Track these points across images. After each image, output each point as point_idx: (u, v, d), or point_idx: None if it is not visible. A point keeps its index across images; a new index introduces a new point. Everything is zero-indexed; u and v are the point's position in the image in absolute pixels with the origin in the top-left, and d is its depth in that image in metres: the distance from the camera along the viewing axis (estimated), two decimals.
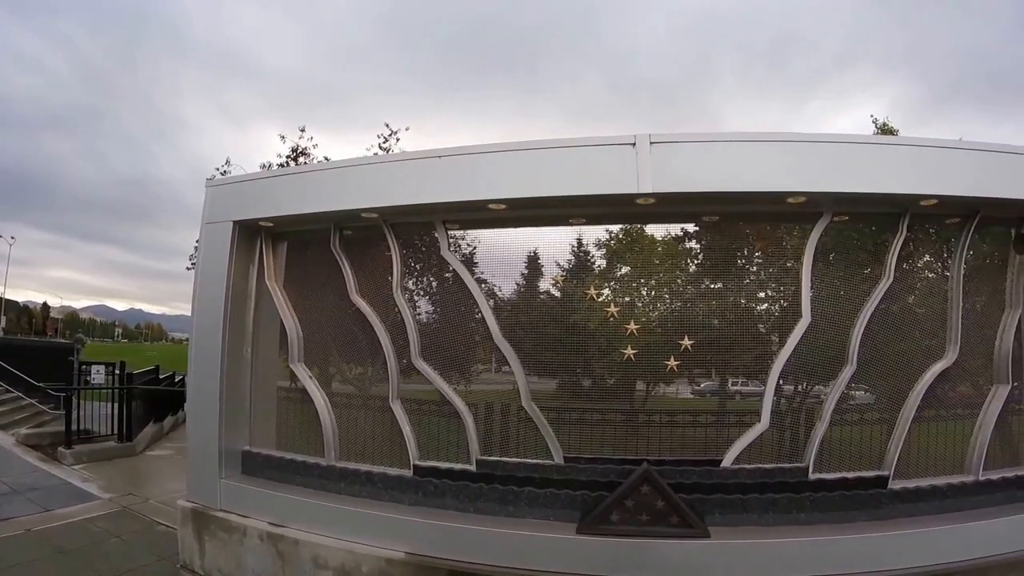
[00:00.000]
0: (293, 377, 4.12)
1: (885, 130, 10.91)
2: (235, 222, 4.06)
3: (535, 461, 3.41)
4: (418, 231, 3.92)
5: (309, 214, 3.84)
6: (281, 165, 10.51)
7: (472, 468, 3.50)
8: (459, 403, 3.54)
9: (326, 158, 10.44)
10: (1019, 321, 3.59)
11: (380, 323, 3.74)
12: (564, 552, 3.19)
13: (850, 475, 3.32)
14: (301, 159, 10.51)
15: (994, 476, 3.52)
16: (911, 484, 3.39)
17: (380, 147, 10.77)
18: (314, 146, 10.96)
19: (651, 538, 3.15)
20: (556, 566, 3.18)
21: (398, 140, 10.91)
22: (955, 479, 3.47)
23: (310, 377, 4.06)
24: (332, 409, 3.96)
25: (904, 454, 3.39)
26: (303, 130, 10.98)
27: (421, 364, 3.64)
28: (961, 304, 3.43)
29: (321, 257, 4.01)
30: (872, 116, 12.87)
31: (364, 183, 3.63)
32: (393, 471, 3.70)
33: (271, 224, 4.09)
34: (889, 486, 3.34)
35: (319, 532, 3.63)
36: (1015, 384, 3.69)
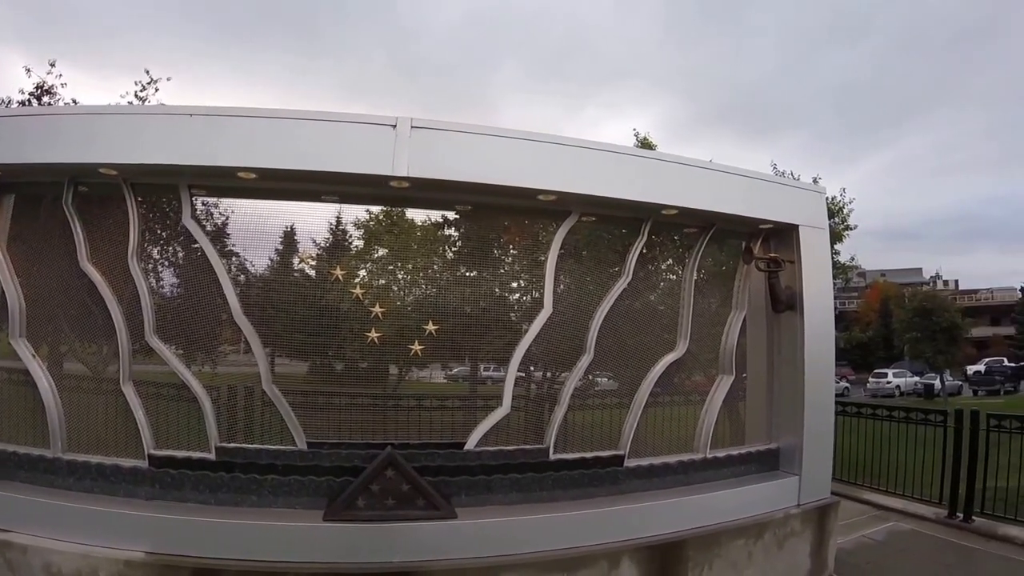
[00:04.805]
0: (15, 356, 3.54)
1: (645, 143, 12.08)
2: None
3: (277, 447, 3.26)
4: (164, 195, 3.54)
5: (40, 164, 3.29)
6: (23, 103, 9.03)
7: (211, 456, 3.26)
8: (196, 386, 3.27)
9: (73, 100, 9.15)
10: (744, 321, 4.17)
11: (112, 295, 3.33)
12: (311, 540, 3.09)
13: (588, 455, 3.58)
14: (46, 99, 9.09)
15: (720, 454, 4.02)
16: (645, 462, 3.74)
17: (136, 96, 9.66)
18: (63, 85, 9.46)
19: (399, 521, 3.15)
20: (305, 555, 3.07)
21: (157, 90, 9.83)
22: (685, 457, 3.89)
23: (33, 356, 3.51)
24: (59, 393, 3.46)
25: (639, 435, 3.74)
26: (53, 65, 9.41)
27: (155, 342, 3.30)
28: (692, 304, 3.87)
29: (54, 216, 3.48)
30: (635, 130, 14.20)
31: (104, 135, 3.19)
32: (127, 462, 3.32)
33: None
34: (625, 464, 3.66)
35: (49, 536, 3.16)
36: (744, 375, 4.28)
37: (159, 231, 3.67)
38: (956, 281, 54.53)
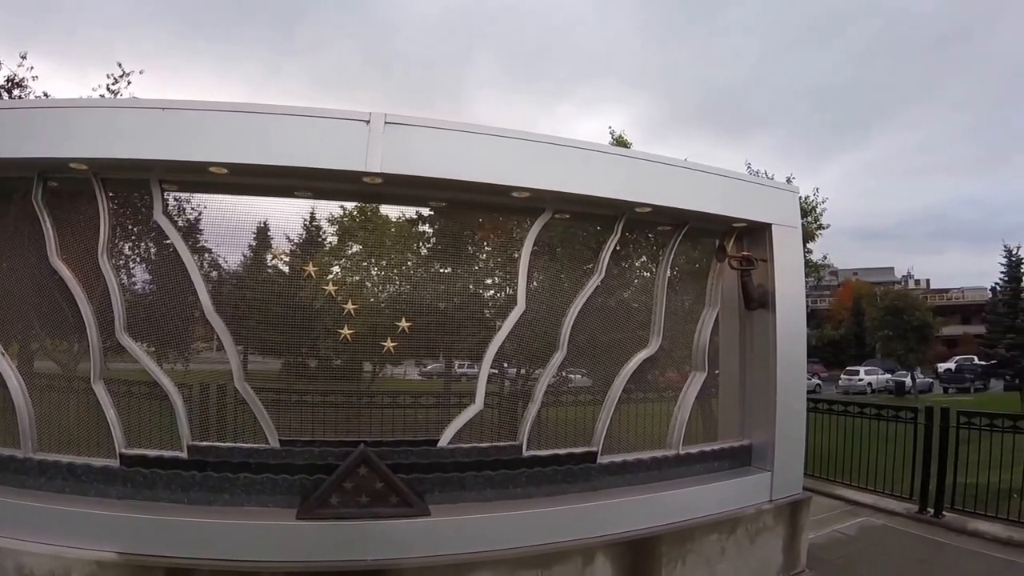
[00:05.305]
0: None
1: (620, 142, 12.14)
2: None
3: (250, 445, 3.24)
4: (135, 190, 3.51)
5: (8, 159, 3.24)
6: None
7: (183, 455, 3.23)
8: (167, 383, 3.24)
9: (45, 94, 9.01)
10: (716, 318, 4.23)
11: (82, 291, 3.29)
12: (285, 539, 3.08)
13: (562, 451, 3.61)
14: (16, 92, 8.91)
15: (693, 450, 4.07)
16: (618, 458, 3.77)
17: (108, 89, 9.51)
18: (34, 78, 9.28)
19: (373, 519, 3.15)
20: (278, 554, 3.06)
21: (129, 83, 9.70)
22: (658, 453, 3.93)
23: (2, 354, 3.45)
24: (29, 392, 3.41)
25: (612, 432, 3.77)
26: (24, 57, 9.22)
27: (126, 340, 3.27)
28: (665, 301, 3.92)
29: (23, 211, 3.43)
30: (610, 127, 14.27)
31: (75, 129, 3.16)
32: (98, 462, 3.28)
33: None
34: (598, 461, 3.69)
35: (21, 537, 3.10)
36: (717, 372, 4.34)
37: (130, 227, 3.64)
38: (927, 280, 55.66)
